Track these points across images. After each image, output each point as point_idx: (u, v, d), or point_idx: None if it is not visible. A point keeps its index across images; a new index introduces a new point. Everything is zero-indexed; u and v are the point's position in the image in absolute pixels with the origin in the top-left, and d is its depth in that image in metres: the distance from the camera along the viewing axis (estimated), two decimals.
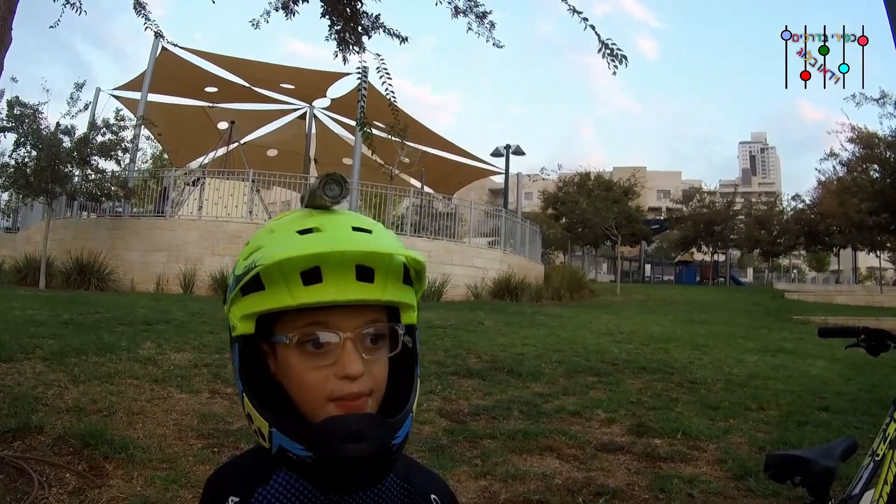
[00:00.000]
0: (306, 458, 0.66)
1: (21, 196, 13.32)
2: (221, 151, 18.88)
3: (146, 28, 4.62)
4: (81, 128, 12.46)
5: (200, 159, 19.91)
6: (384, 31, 4.40)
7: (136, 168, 14.78)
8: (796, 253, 40.78)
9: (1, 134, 11.61)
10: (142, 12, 4.50)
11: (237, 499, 0.70)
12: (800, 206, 33.97)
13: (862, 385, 6.07)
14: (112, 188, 12.81)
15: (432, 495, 0.78)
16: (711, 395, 5.38)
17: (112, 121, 12.45)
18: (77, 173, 12.36)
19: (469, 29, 4.33)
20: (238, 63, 15.81)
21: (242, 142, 19.60)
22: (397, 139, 13.31)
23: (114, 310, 7.97)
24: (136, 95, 15.52)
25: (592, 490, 3.18)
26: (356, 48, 4.43)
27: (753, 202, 41.24)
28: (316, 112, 19.76)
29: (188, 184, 15.48)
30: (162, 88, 16.34)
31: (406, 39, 4.47)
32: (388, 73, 4.51)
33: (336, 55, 4.45)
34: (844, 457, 1.80)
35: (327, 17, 4.33)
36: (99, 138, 12.27)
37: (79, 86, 12.13)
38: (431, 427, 4.12)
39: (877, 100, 20.22)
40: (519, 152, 22.14)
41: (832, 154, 25.20)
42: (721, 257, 40.44)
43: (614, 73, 3.79)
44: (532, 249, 18.72)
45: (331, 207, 0.71)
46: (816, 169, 53.54)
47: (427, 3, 4.36)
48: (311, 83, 16.68)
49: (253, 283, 0.67)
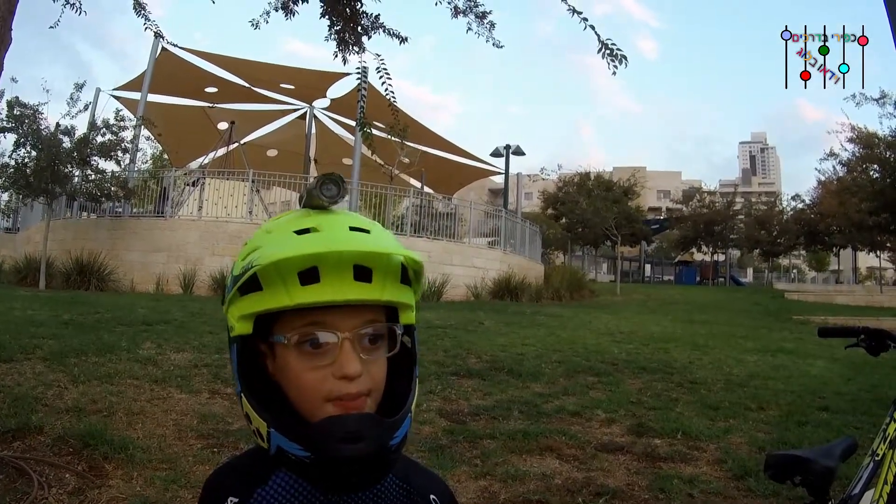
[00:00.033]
0: (304, 459, 0.66)
1: (21, 196, 13.32)
2: (221, 152, 18.89)
3: (146, 28, 4.63)
4: (81, 128, 12.50)
5: (200, 159, 19.92)
6: (384, 32, 4.41)
7: (136, 168, 14.77)
8: (796, 253, 40.80)
9: (1, 134, 11.62)
10: (142, 13, 4.50)
11: (236, 499, 0.70)
12: (800, 206, 34.01)
13: (862, 385, 6.07)
14: (112, 188, 12.81)
15: (432, 495, 0.78)
16: (711, 395, 5.38)
17: (112, 121, 12.47)
18: (77, 174, 12.35)
19: (469, 29, 4.34)
20: (238, 63, 15.81)
21: (242, 142, 19.60)
22: (397, 139, 13.29)
23: (114, 310, 7.98)
24: (136, 96, 15.54)
25: (592, 490, 3.18)
26: (356, 48, 4.43)
27: (753, 202, 41.24)
28: (316, 112, 19.76)
29: (188, 184, 15.48)
30: (162, 89, 16.35)
31: (406, 39, 4.47)
32: (388, 74, 4.52)
33: (336, 55, 4.46)
34: (844, 457, 1.80)
35: (327, 18, 4.33)
36: (99, 139, 12.28)
37: (79, 86, 12.16)
38: (431, 427, 4.12)
39: (877, 100, 20.23)
40: (519, 152, 22.14)
41: (832, 154, 25.23)
42: (721, 257, 40.46)
43: (614, 74, 3.79)
44: (532, 249, 18.72)
45: (328, 207, 0.71)
46: (816, 169, 53.51)
47: (427, 3, 4.37)
48: (311, 83, 16.67)
49: (251, 284, 0.67)
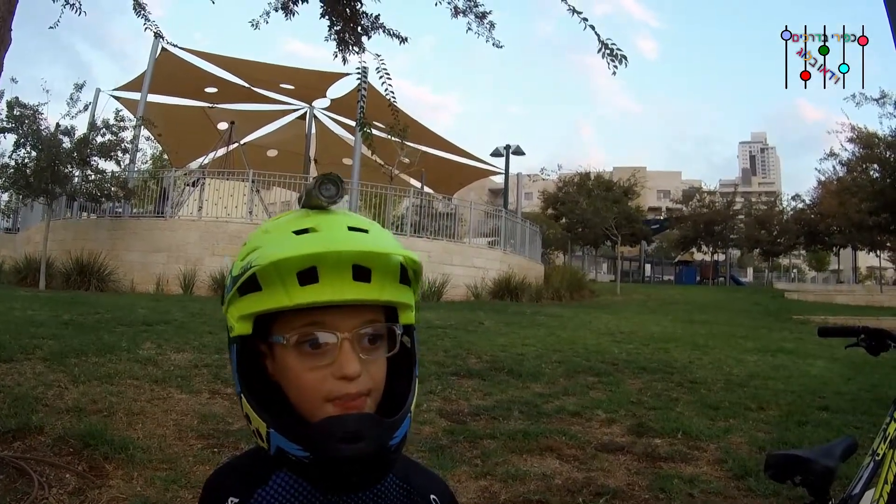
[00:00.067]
0: (304, 459, 0.66)
1: (21, 197, 13.30)
2: (221, 152, 18.89)
3: (146, 29, 4.63)
4: (81, 128, 12.50)
5: (200, 160, 19.93)
6: (384, 32, 4.40)
7: (136, 168, 14.77)
8: (796, 253, 40.80)
9: (1, 135, 11.62)
10: (141, 13, 4.50)
11: (236, 499, 0.70)
12: (800, 206, 34.01)
13: (862, 385, 6.07)
14: (112, 189, 12.82)
15: (432, 495, 0.77)
16: (711, 395, 5.38)
17: (112, 121, 12.47)
18: (77, 174, 12.35)
19: (469, 29, 4.34)
20: (238, 63, 15.81)
21: (242, 142, 19.61)
22: (397, 139, 13.29)
23: (114, 310, 7.97)
24: (136, 96, 15.54)
25: (592, 490, 3.18)
26: (356, 48, 4.43)
27: (753, 202, 41.23)
28: (316, 112, 19.76)
29: (188, 184, 15.48)
30: (162, 89, 16.35)
31: (406, 40, 4.47)
32: (388, 74, 4.52)
33: (336, 55, 4.46)
34: (844, 456, 1.80)
35: (327, 18, 4.33)
36: (99, 139, 12.28)
37: (78, 86, 12.15)
38: (431, 427, 4.12)
39: (877, 100, 20.24)
40: (519, 152, 22.15)
41: (832, 154, 25.24)
42: (721, 257, 40.47)
43: (614, 74, 3.79)
44: (532, 249, 18.72)
45: (327, 207, 0.71)
46: (816, 169, 53.53)
47: (427, 3, 4.37)
48: (311, 83, 16.68)
49: (250, 284, 0.67)
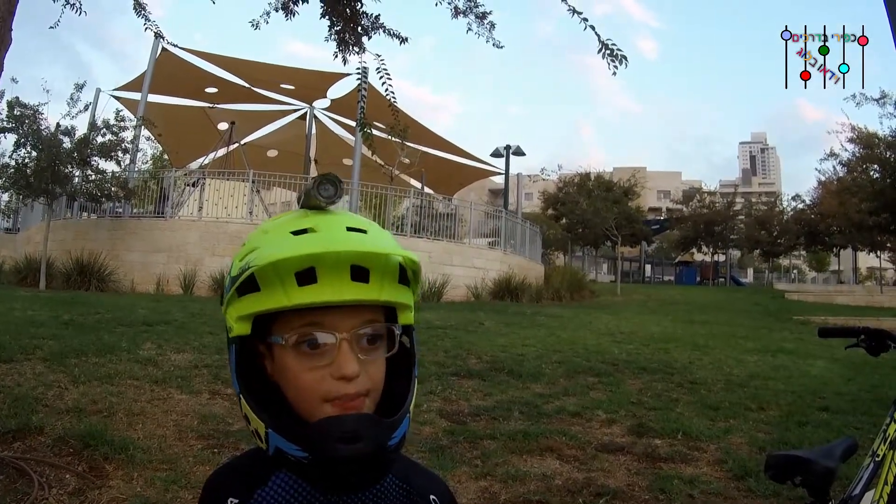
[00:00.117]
0: (302, 459, 0.66)
1: (21, 197, 13.30)
2: (221, 152, 18.90)
3: (146, 29, 4.63)
4: (81, 128, 12.50)
5: (200, 160, 19.92)
6: (384, 32, 4.40)
7: (137, 169, 14.77)
8: (796, 253, 40.80)
9: (1, 135, 11.62)
10: (142, 13, 4.50)
11: (236, 500, 0.70)
12: (800, 207, 34.02)
13: (862, 385, 6.07)
14: (112, 189, 12.81)
15: (431, 496, 0.77)
16: (712, 396, 5.38)
17: (112, 121, 12.46)
18: (77, 174, 12.35)
19: (469, 29, 4.33)
20: (238, 63, 15.81)
21: (242, 142, 19.61)
22: (397, 140, 13.30)
23: (114, 310, 7.97)
24: (136, 96, 15.54)
25: (593, 491, 3.18)
26: (356, 49, 4.43)
27: (753, 202, 41.23)
28: (316, 113, 19.76)
29: (188, 184, 15.48)
30: (162, 89, 16.35)
31: (406, 40, 4.47)
32: (388, 74, 4.51)
33: (336, 56, 4.45)
34: (845, 457, 1.80)
35: (327, 18, 4.33)
36: (99, 139, 12.28)
37: (79, 86, 12.15)
38: (432, 428, 4.12)
39: (877, 100, 20.20)
40: (519, 153, 22.15)
41: (832, 154, 25.20)
42: (721, 258, 40.47)
43: (614, 74, 3.78)
44: (532, 250, 18.72)
45: (326, 208, 0.71)
46: (816, 169, 53.67)
47: (427, 4, 4.37)
48: (311, 84, 16.68)
49: (248, 284, 0.67)
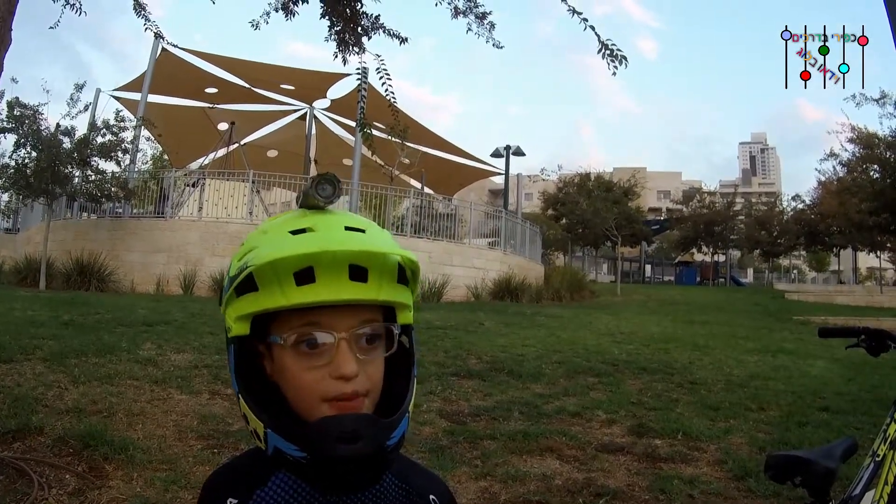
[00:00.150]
0: (301, 459, 0.65)
1: (21, 197, 13.30)
2: (221, 152, 18.90)
3: (146, 29, 4.63)
4: (81, 129, 12.51)
5: (200, 160, 19.92)
6: (384, 32, 4.40)
7: (136, 169, 14.77)
8: (796, 253, 40.81)
9: (1, 135, 11.63)
10: (142, 13, 4.50)
11: (235, 500, 0.70)
12: (800, 207, 34.02)
13: (862, 385, 6.06)
14: (112, 189, 12.82)
15: (431, 496, 0.77)
16: (712, 396, 5.38)
17: (112, 122, 12.47)
18: (77, 174, 12.35)
19: (469, 30, 4.34)
20: (238, 64, 15.82)
21: (242, 143, 19.61)
22: (397, 140, 13.30)
23: (114, 311, 7.97)
24: (136, 96, 15.54)
25: (593, 491, 3.18)
26: (356, 49, 4.43)
27: (753, 202, 41.25)
28: (316, 113, 19.76)
29: (188, 185, 15.48)
30: (162, 89, 16.36)
31: (406, 40, 4.47)
32: (388, 74, 4.52)
33: (336, 56, 4.46)
34: (845, 457, 1.80)
35: (327, 18, 4.33)
36: (99, 139, 12.29)
37: (79, 87, 12.16)
38: (431, 428, 4.11)
39: (877, 100, 20.19)
40: (519, 153, 22.16)
41: (832, 154, 25.18)
42: (721, 258, 40.47)
43: (614, 74, 3.80)
44: (532, 250, 18.72)
45: (324, 207, 0.71)
46: (816, 169, 53.64)
47: (427, 4, 4.37)
48: (311, 84, 16.68)
49: (247, 284, 0.67)
